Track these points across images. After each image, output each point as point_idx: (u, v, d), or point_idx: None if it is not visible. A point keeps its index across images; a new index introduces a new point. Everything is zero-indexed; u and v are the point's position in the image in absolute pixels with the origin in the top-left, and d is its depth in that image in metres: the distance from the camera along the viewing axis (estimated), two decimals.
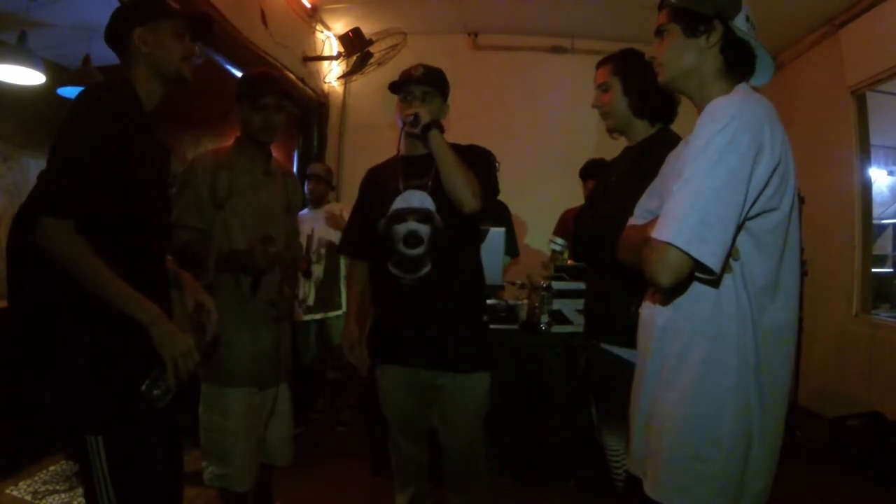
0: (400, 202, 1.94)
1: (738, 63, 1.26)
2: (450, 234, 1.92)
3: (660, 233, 1.10)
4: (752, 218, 1.14)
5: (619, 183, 1.83)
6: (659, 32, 1.32)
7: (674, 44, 1.28)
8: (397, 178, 1.98)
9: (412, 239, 1.91)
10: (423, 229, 1.91)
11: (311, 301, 3.66)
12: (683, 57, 1.27)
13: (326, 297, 3.72)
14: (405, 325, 1.93)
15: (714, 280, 1.14)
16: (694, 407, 1.17)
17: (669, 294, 1.22)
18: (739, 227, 1.13)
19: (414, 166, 1.97)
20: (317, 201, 3.82)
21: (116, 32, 1.44)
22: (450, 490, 2.05)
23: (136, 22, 1.43)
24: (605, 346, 1.85)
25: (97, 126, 1.27)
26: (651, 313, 1.29)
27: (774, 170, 1.12)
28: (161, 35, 1.43)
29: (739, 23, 1.23)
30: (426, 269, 1.90)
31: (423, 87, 1.95)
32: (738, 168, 1.08)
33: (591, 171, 3.53)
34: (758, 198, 1.12)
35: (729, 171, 1.08)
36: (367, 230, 2.02)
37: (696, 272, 1.12)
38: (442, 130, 1.88)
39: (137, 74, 1.43)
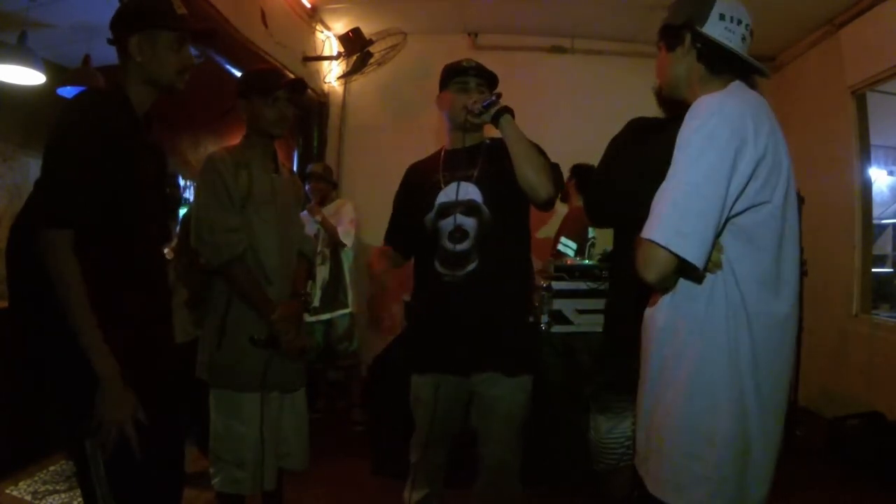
0: (443, 196, 1.88)
1: (719, 67, 1.27)
2: (498, 226, 1.84)
3: (644, 231, 1.13)
4: (741, 212, 1.15)
5: None
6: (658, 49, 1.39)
7: (660, 59, 1.37)
8: (438, 171, 1.92)
9: (457, 233, 1.84)
10: (469, 222, 1.84)
11: (316, 302, 3.67)
12: (667, 70, 1.35)
13: (332, 297, 3.73)
14: (449, 325, 1.84)
15: (700, 275, 1.16)
16: (689, 405, 1.17)
17: (666, 293, 1.23)
18: (726, 222, 1.14)
19: (457, 159, 1.92)
20: (320, 201, 3.82)
21: (115, 34, 1.42)
22: (478, 501, 1.95)
23: (132, 30, 1.38)
24: None
25: (89, 133, 1.26)
26: (652, 314, 1.29)
27: (759, 162, 1.13)
28: (158, 46, 1.39)
29: (711, 27, 1.24)
30: (472, 266, 1.83)
31: (478, 79, 1.91)
32: (717, 163, 1.10)
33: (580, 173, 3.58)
34: (743, 191, 1.13)
35: (709, 166, 1.10)
36: (409, 228, 1.97)
37: (684, 268, 1.13)
38: (513, 115, 1.82)
39: (130, 80, 1.41)
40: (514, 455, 1.90)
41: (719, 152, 1.10)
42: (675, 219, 1.10)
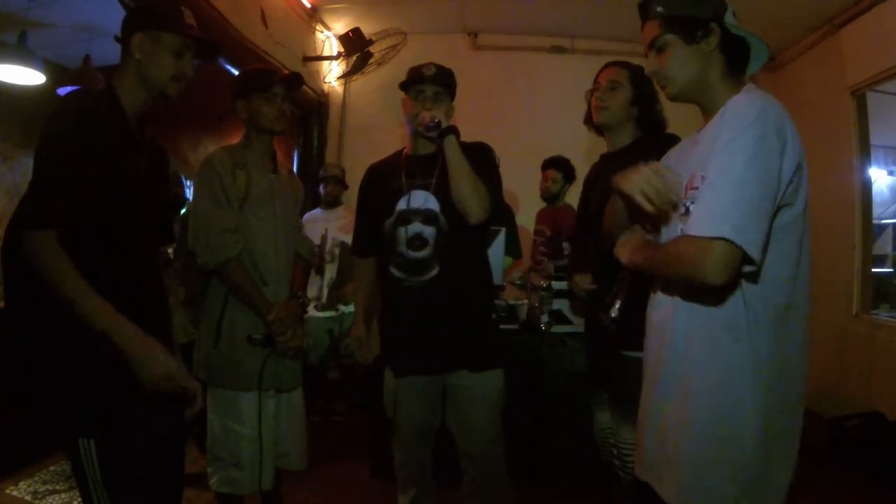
0: (404, 203, 1.91)
1: (738, 59, 1.26)
2: (456, 235, 1.88)
3: (708, 229, 1.08)
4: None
5: None
6: (655, 46, 1.28)
7: (677, 55, 1.25)
8: (401, 177, 1.95)
9: (416, 241, 1.88)
10: (428, 231, 1.89)
11: (324, 299, 3.72)
12: (690, 66, 1.25)
13: (339, 295, 3.76)
14: (413, 329, 1.89)
15: (754, 273, 1.13)
16: (716, 410, 1.16)
17: (686, 296, 1.21)
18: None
19: (418, 165, 1.95)
20: (333, 203, 3.87)
21: (122, 32, 1.42)
22: (468, 497, 1.99)
23: (139, 26, 1.39)
24: (626, 353, 1.82)
25: (75, 134, 1.26)
26: (665, 317, 1.27)
27: (797, 166, 1.13)
28: (160, 47, 1.39)
29: (729, 19, 1.23)
30: (433, 272, 1.88)
31: (435, 87, 1.92)
32: (769, 164, 1.09)
33: (550, 163, 3.65)
34: (784, 193, 1.13)
35: (762, 167, 1.09)
36: (372, 229, 2.00)
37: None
38: (458, 136, 1.85)
39: (125, 79, 1.40)
40: (496, 444, 1.96)
41: (770, 153, 1.09)
42: (740, 216, 1.06)
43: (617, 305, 1.70)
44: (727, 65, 1.25)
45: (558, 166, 3.68)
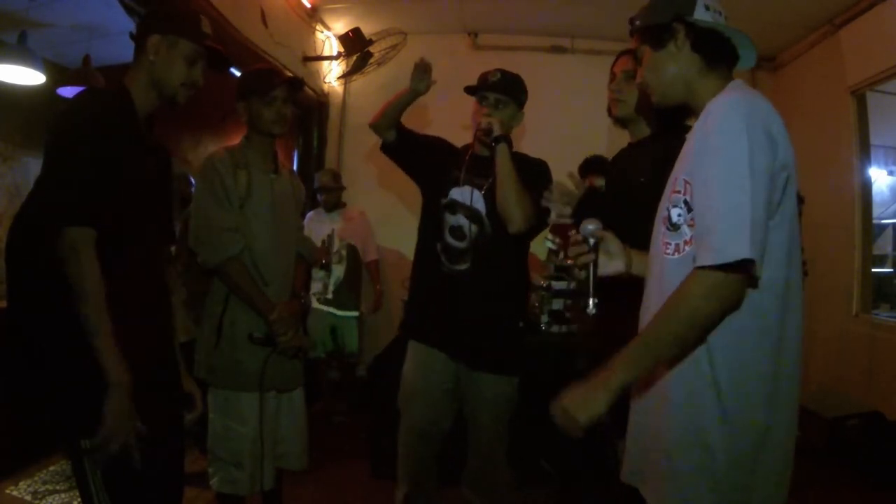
0: (457, 194, 2.00)
1: (716, 55, 1.23)
2: (496, 237, 1.95)
3: (730, 252, 1.02)
4: None
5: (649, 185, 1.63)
6: (637, 59, 1.33)
7: (649, 63, 1.28)
8: (461, 169, 2.03)
9: (458, 232, 1.99)
10: (471, 227, 1.97)
11: (328, 294, 3.75)
12: (661, 70, 1.26)
13: (343, 297, 3.78)
14: (438, 311, 1.99)
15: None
16: (694, 420, 1.14)
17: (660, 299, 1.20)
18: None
19: (479, 165, 2.02)
20: (333, 206, 3.89)
21: (139, 31, 1.43)
22: (469, 489, 2.06)
23: (156, 29, 1.40)
24: None
25: (99, 131, 1.26)
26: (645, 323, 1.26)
27: (786, 167, 1.11)
28: (175, 52, 1.40)
29: (700, 14, 1.21)
30: (466, 265, 1.97)
31: (497, 94, 1.98)
32: (764, 167, 1.06)
33: (592, 166, 3.54)
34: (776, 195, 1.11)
35: (759, 173, 1.05)
36: (416, 142, 2.11)
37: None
38: (511, 145, 1.92)
39: (137, 79, 1.41)
40: (501, 442, 2.04)
41: (764, 154, 1.06)
42: (747, 228, 1.02)
43: (592, 303, 1.60)
44: (705, 62, 1.23)
45: (599, 170, 3.59)
